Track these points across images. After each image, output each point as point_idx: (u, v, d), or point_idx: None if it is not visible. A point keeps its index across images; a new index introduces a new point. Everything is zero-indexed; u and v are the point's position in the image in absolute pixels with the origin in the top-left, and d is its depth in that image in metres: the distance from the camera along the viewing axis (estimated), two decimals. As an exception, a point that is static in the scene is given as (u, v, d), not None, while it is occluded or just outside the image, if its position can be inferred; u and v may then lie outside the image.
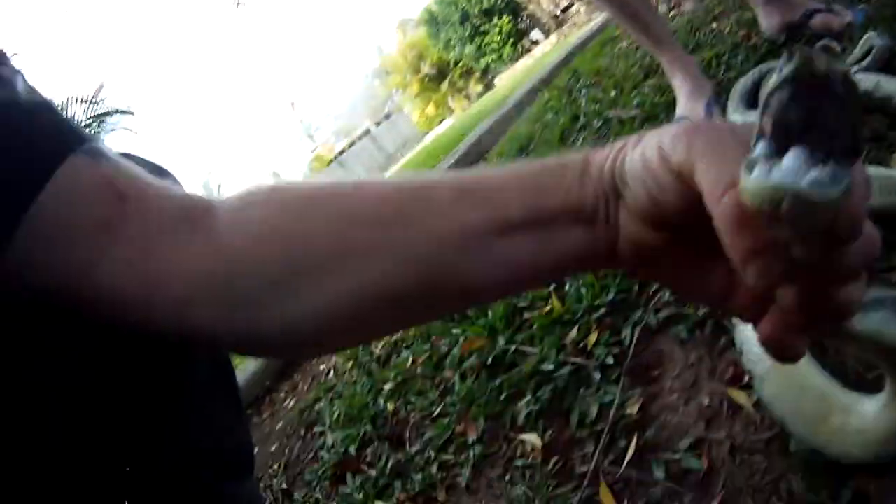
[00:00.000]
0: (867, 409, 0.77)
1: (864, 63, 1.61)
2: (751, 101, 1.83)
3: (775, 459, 0.89)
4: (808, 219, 0.34)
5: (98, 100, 10.69)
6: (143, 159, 0.68)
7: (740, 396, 1.00)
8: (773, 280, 0.38)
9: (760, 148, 0.37)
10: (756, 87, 1.89)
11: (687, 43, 3.04)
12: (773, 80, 0.37)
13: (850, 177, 0.34)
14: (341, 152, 34.90)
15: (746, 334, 0.95)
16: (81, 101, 10.45)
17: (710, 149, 0.42)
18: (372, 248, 0.53)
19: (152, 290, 0.53)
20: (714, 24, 3.28)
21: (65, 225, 0.51)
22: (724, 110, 1.89)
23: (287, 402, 2.69)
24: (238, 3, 14.01)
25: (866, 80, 1.33)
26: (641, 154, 0.47)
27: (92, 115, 10.60)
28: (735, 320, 1.01)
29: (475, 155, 4.99)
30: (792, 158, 0.35)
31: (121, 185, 0.54)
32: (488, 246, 0.52)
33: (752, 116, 1.58)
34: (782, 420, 0.88)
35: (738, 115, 1.72)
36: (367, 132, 35.60)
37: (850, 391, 0.82)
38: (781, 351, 0.43)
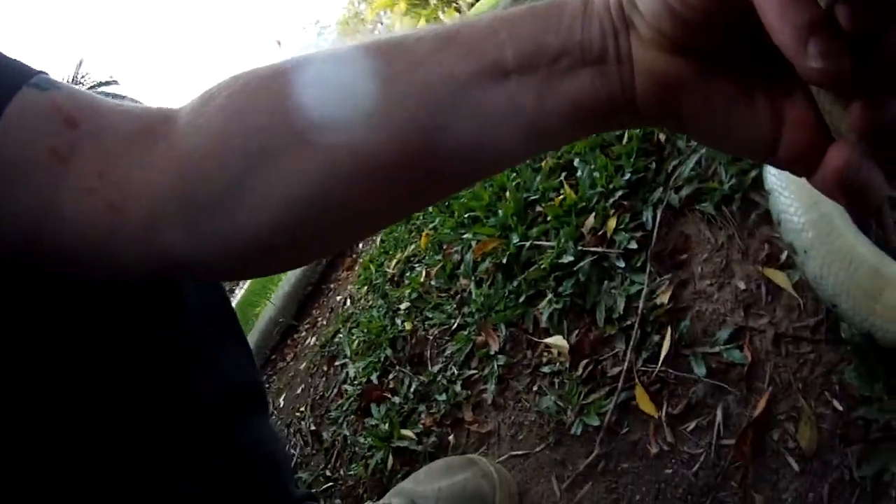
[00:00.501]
0: None
1: None
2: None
3: (824, 349, 0.82)
4: None
5: (80, 77, 10.64)
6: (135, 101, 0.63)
7: (779, 277, 0.91)
8: (839, 63, 0.29)
9: None
10: None
11: None
12: None
13: None
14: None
15: (784, 201, 0.84)
16: (63, 80, 10.49)
17: None
18: (349, 111, 0.46)
19: (114, 215, 0.49)
20: None
21: (15, 162, 0.49)
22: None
23: (308, 340, 2.64)
24: None
25: None
26: None
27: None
28: (770, 186, 0.89)
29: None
30: None
31: (70, 110, 0.51)
32: (482, 96, 0.45)
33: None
34: (831, 300, 0.79)
35: None
36: (361, 59, 35.40)
37: None
38: (858, 188, 0.34)
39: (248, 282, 5.69)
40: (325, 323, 2.62)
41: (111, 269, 0.53)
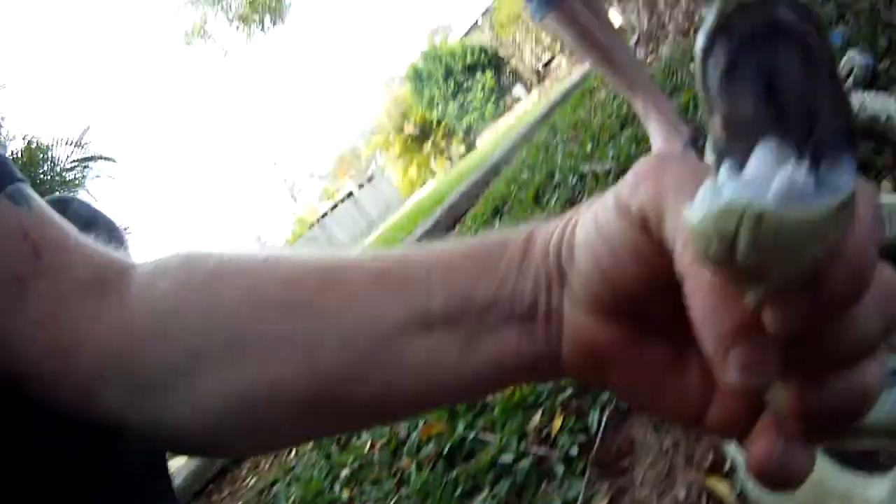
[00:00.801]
0: (872, 495, 0.68)
1: (847, 84, 1.57)
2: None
3: None
4: (782, 258, 0.22)
5: (83, 143, 10.79)
6: (85, 205, 0.69)
7: (721, 487, 0.88)
8: (762, 375, 0.27)
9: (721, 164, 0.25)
10: None
11: (664, 87, 3.04)
12: (701, 35, 0.25)
13: (849, 184, 0.23)
14: (324, 215, 35.33)
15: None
16: (67, 143, 10.58)
17: (683, 186, 0.30)
18: (275, 338, 0.46)
19: (65, 359, 0.48)
20: (692, 66, 3.32)
21: None
22: (701, 154, 1.81)
23: (248, 479, 2.62)
24: (225, 52, 14.28)
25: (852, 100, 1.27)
26: (594, 215, 0.37)
27: (76, 158, 10.67)
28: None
29: (451, 219, 5.07)
30: (754, 163, 0.24)
31: (36, 238, 0.50)
32: (404, 348, 0.43)
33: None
34: None
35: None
36: (350, 195, 36.02)
37: (850, 472, 0.71)
38: (782, 475, 0.31)
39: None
40: (267, 467, 2.59)
41: (61, 404, 0.50)
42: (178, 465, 2.87)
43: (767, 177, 0.22)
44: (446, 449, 1.42)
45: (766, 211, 0.21)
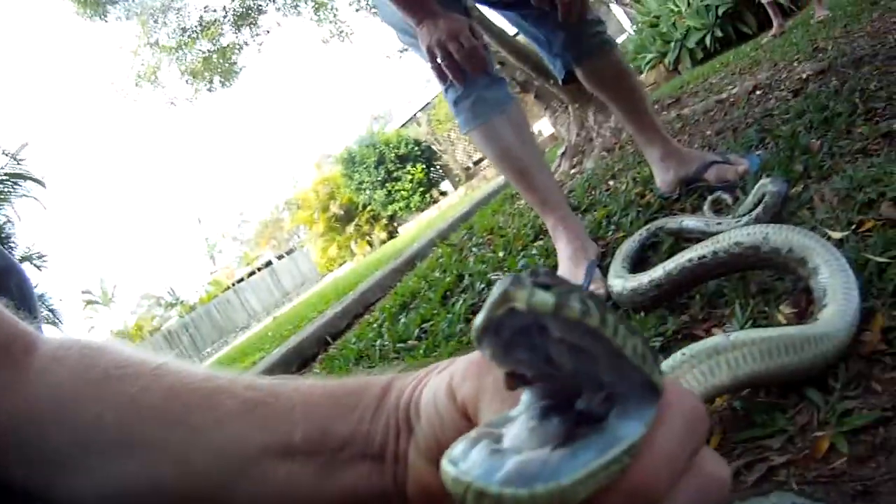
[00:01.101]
0: None
1: (756, 212, 1.62)
2: (634, 264, 1.81)
3: None
4: None
5: (19, 158, 10.44)
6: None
7: None
8: None
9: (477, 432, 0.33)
10: (641, 248, 1.90)
11: (581, 202, 3.14)
12: (473, 329, 0.32)
13: (635, 432, 0.29)
14: (240, 280, 34.70)
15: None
16: (3, 153, 10.21)
17: (498, 390, 0.39)
18: (154, 444, 0.51)
19: None
20: (611, 182, 3.42)
21: None
22: (605, 273, 1.88)
23: None
24: (171, 103, 14.02)
25: (754, 234, 1.31)
26: (438, 385, 0.46)
27: (8, 172, 10.30)
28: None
29: (362, 306, 5.08)
30: (512, 432, 0.31)
31: None
32: (267, 469, 0.49)
33: (634, 281, 1.55)
34: None
35: (617, 279, 1.68)
36: (269, 264, 35.53)
37: None
38: None
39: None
40: None
41: None
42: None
43: (517, 450, 0.29)
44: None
45: (486, 490, 0.27)
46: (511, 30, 2.98)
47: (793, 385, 1.04)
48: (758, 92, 3.68)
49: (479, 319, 0.31)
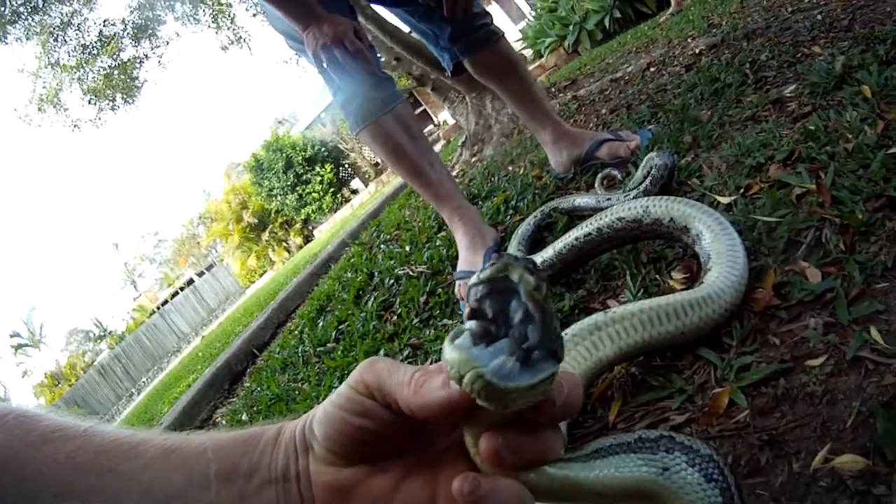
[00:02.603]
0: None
1: (644, 185, 1.65)
2: (530, 245, 1.84)
3: None
4: (489, 397, 0.44)
5: None
6: None
7: None
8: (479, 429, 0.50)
9: (469, 324, 0.48)
10: (536, 229, 1.93)
11: (481, 190, 3.16)
12: (474, 276, 0.48)
13: (545, 372, 0.45)
14: (164, 303, 34.03)
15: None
16: None
17: (389, 365, 0.54)
18: (90, 495, 0.56)
19: None
20: (510, 167, 3.46)
21: None
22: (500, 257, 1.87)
23: None
24: (74, 126, 13.67)
25: (635, 208, 1.34)
26: (328, 402, 0.56)
27: None
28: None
29: (283, 314, 5.08)
30: (493, 347, 0.46)
31: None
32: (191, 500, 0.56)
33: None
34: None
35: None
36: (191, 282, 34.90)
37: None
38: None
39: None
40: None
41: None
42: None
43: (491, 355, 0.45)
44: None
45: (482, 374, 0.44)
46: (405, 27, 2.95)
47: (687, 347, 1.07)
48: (652, 69, 3.74)
49: (480, 275, 0.47)
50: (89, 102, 13.51)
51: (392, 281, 2.70)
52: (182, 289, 34.63)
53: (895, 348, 0.84)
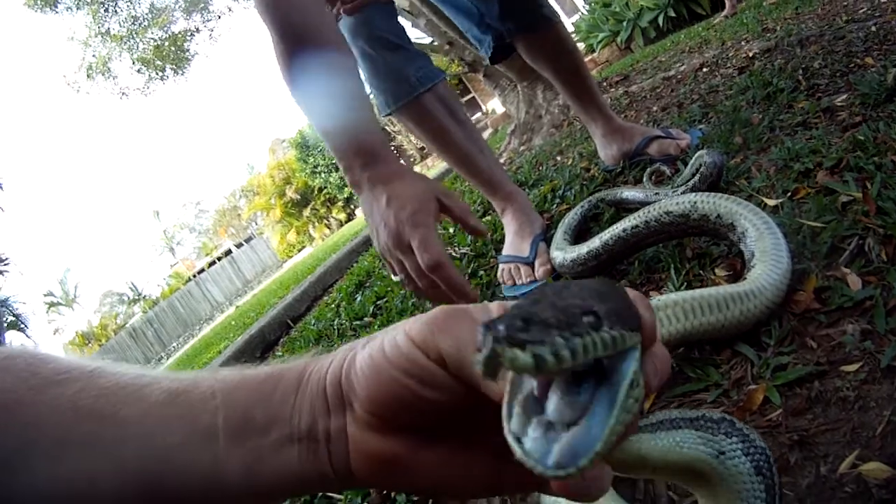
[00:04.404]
0: None
1: (692, 182, 1.66)
2: (576, 235, 1.85)
3: None
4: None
5: None
6: None
7: None
8: None
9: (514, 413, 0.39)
10: (583, 219, 1.93)
11: (529, 178, 3.15)
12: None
13: (597, 439, 0.36)
14: (201, 271, 34.37)
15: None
16: None
17: (450, 321, 0.46)
18: (90, 441, 0.51)
19: None
20: (559, 157, 3.44)
21: None
22: (548, 244, 1.92)
23: None
24: (123, 94, 13.81)
25: (683, 203, 1.34)
26: (375, 349, 0.48)
27: None
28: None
29: (321, 288, 5.09)
30: (535, 428, 0.38)
31: None
32: (193, 458, 0.50)
33: (573, 252, 1.60)
34: None
35: (558, 251, 1.72)
36: (229, 253, 35.22)
37: None
38: (587, 493, 0.42)
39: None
40: None
41: None
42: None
43: (544, 441, 0.37)
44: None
45: (543, 472, 0.36)
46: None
47: (725, 342, 1.08)
48: (704, 69, 3.71)
49: (479, 366, 0.36)
50: (138, 72, 13.63)
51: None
52: (220, 259, 34.95)
53: None
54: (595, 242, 1.54)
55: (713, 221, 1.29)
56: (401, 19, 2.01)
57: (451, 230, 3.05)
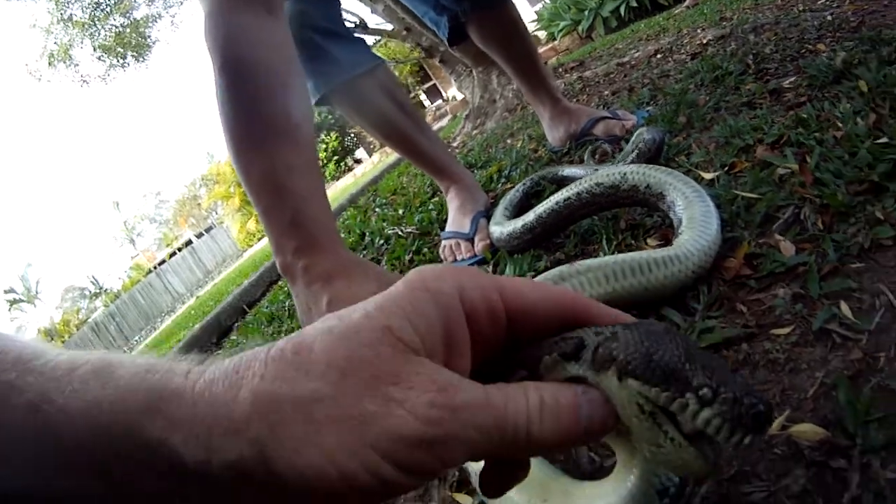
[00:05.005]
0: (588, 492, 0.71)
1: (631, 158, 1.68)
2: (517, 211, 1.85)
3: None
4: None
5: None
6: None
7: (465, 500, 0.95)
8: None
9: None
10: (524, 196, 1.94)
11: (478, 160, 3.18)
12: None
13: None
14: (161, 262, 34.06)
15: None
16: None
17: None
18: None
19: None
20: (509, 140, 3.48)
21: None
22: (488, 221, 1.93)
23: None
24: (83, 82, 13.68)
25: (614, 174, 1.36)
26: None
27: None
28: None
29: (276, 273, 5.15)
30: None
31: None
32: None
33: (509, 226, 1.62)
34: None
35: (496, 226, 1.74)
36: (189, 243, 34.93)
37: (576, 480, 0.77)
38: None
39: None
40: None
41: None
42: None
43: None
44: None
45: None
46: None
47: (651, 307, 1.08)
48: (658, 56, 3.75)
49: None
50: (99, 59, 13.49)
51: (382, 241, 2.72)
52: (180, 249, 34.64)
53: (865, 325, 0.83)
54: (529, 216, 1.56)
55: (643, 191, 1.30)
56: (359, 5, 2.01)
57: (401, 211, 3.08)
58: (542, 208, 1.52)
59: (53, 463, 0.39)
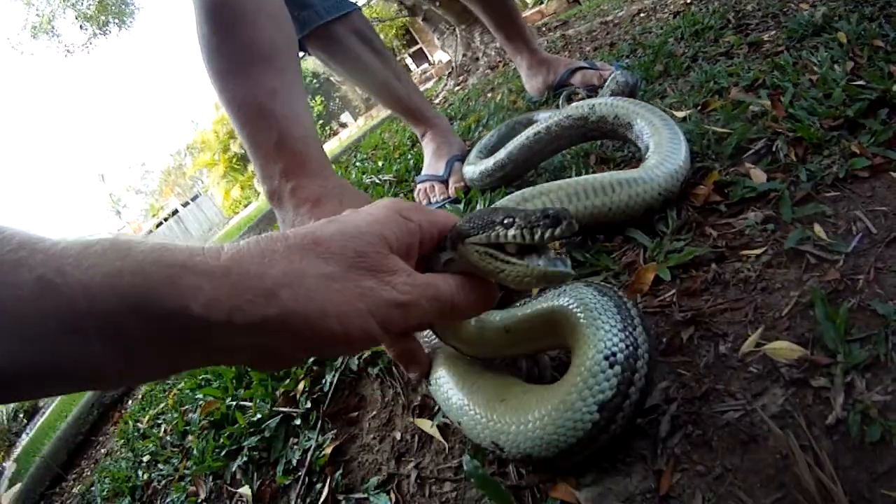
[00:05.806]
0: (541, 392, 0.73)
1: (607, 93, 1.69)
2: (488, 153, 1.87)
3: (464, 485, 0.87)
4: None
5: None
6: None
7: (426, 425, 1.00)
8: None
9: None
10: (499, 141, 1.95)
11: (458, 112, 3.23)
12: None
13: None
14: (148, 233, 33.86)
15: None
16: None
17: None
18: None
19: None
20: (489, 94, 3.50)
21: None
22: (462, 164, 1.96)
23: (74, 488, 2.70)
24: (66, 52, 13.55)
25: (582, 107, 1.38)
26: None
27: None
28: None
29: (259, 232, 5.23)
30: None
31: None
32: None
33: (482, 165, 1.65)
34: (456, 419, 0.83)
35: (468, 166, 1.76)
36: (175, 213, 34.73)
37: (533, 385, 0.79)
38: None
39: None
40: (89, 473, 2.71)
41: None
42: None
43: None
44: (217, 418, 1.55)
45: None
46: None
47: (618, 230, 1.10)
48: (641, 14, 3.74)
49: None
50: (81, 28, 13.35)
51: (361, 189, 2.70)
52: (166, 219, 34.46)
53: (841, 247, 0.83)
54: (501, 154, 1.58)
55: (611, 122, 1.32)
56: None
57: (380, 163, 3.09)
58: (512, 145, 1.54)
59: (60, 329, 0.44)
